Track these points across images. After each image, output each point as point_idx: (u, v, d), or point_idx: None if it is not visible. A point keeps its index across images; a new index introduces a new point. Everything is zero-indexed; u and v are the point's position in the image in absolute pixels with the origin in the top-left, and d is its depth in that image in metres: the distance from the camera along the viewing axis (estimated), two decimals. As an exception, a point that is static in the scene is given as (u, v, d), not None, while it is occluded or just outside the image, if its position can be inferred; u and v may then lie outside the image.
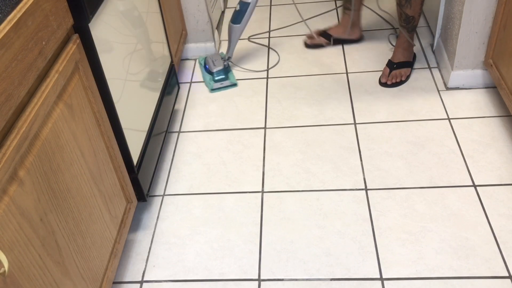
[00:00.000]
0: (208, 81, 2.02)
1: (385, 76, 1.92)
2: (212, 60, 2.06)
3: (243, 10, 1.90)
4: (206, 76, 2.05)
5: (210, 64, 2.04)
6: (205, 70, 2.07)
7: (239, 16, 1.92)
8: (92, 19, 1.10)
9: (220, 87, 1.99)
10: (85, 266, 1.07)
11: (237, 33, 1.96)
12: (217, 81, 2.00)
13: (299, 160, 1.64)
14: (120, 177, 1.30)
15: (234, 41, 2.00)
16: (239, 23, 1.93)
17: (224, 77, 2.01)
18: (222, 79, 2.00)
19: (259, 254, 1.38)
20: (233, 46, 2.01)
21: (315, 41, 2.17)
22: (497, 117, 1.72)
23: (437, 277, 1.27)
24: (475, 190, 1.48)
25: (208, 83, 2.01)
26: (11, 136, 0.83)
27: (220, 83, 2.00)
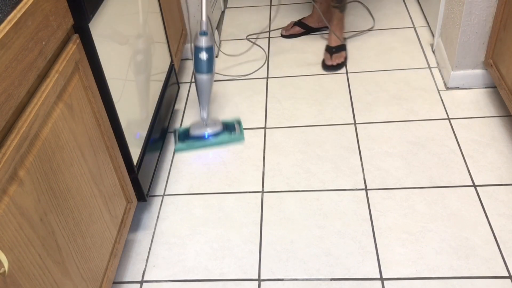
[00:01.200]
0: (230, 137, 1.73)
1: (329, 59, 2.05)
2: (201, 126, 1.74)
3: (210, 55, 1.63)
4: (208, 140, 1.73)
5: (208, 129, 1.73)
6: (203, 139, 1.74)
7: (208, 63, 1.63)
8: (92, 19, 1.10)
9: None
10: (85, 266, 1.07)
11: (211, 82, 1.68)
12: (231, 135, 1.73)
13: (299, 160, 1.64)
14: (120, 177, 1.30)
15: (208, 93, 1.69)
16: (211, 71, 1.65)
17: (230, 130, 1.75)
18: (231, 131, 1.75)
19: (259, 254, 1.38)
20: (208, 99, 1.71)
21: (290, 32, 2.28)
22: (497, 117, 1.72)
23: (437, 277, 1.27)
24: (475, 190, 1.48)
25: (237, 137, 1.73)
26: (11, 136, 0.83)
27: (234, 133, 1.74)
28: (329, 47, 2.08)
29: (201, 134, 1.73)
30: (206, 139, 1.73)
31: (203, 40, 1.61)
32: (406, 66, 2.01)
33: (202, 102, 1.71)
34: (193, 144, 1.73)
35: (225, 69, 2.12)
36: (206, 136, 1.73)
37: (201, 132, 1.73)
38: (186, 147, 1.73)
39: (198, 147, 1.73)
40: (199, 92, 1.69)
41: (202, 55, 1.62)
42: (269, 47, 2.24)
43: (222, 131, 1.74)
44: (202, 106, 1.72)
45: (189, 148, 1.73)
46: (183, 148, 1.73)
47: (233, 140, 1.73)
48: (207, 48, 1.62)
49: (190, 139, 1.73)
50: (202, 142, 1.73)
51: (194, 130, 1.74)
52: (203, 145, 1.73)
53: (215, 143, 1.72)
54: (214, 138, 1.73)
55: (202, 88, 1.68)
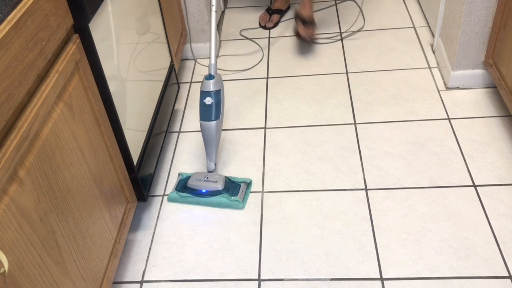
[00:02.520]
0: (226, 202, 1.51)
1: (303, 30, 2.09)
2: (201, 179, 1.55)
3: (217, 100, 1.52)
4: (218, 199, 1.52)
5: (207, 184, 1.53)
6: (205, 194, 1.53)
7: (216, 109, 1.52)
8: (92, 19, 1.10)
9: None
10: (85, 266, 1.07)
11: (220, 129, 1.56)
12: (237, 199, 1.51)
13: (299, 160, 1.64)
14: (120, 177, 1.30)
15: (216, 142, 1.56)
16: (218, 117, 1.52)
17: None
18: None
19: (259, 254, 1.38)
20: (216, 148, 1.58)
21: (273, 21, 2.39)
22: (497, 117, 1.72)
23: (437, 277, 1.27)
24: (475, 190, 1.48)
25: (236, 203, 1.51)
26: (11, 136, 0.83)
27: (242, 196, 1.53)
28: (302, 16, 2.08)
29: (198, 189, 1.53)
30: (201, 195, 1.52)
31: (210, 83, 1.51)
32: (406, 66, 2.01)
33: (209, 152, 1.57)
34: (187, 198, 1.53)
35: (225, 68, 2.12)
36: (203, 192, 1.52)
37: (199, 186, 1.53)
38: (179, 198, 1.54)
39: (191, 202, 1.53)
40: (206, 140, 1.55)
41: (208, 100, 1.51)
42: (269, 47, 2.24)
43: (222, 190, 1.52)
44: (209, 156, 1.57)
45: (182, 201, 1.54)
46: (176, 200, 1.55)
47: (230, 206, 1.51)
48: (215, 92, 1.51)
49: (186, 190, 1.54)
50: (197, 198, 1.53)
51: (193, 181, 1.54)
52: (197, 202, 1.53)
53: (210, 203, 1.52)
54: (210, 198, 1.52)
55: (209, 136, 1.54)
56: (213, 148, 1.56)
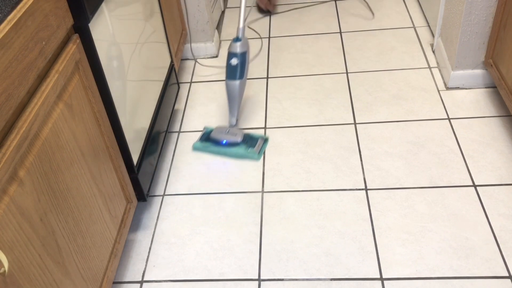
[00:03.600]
0: (243, 153, 1.68)
1: (265, 3, 2.33)
2: (223, 131, 1.73)
3: (242, 61, 1.65)
4: (237, 150, 1.69)
5: (227, 136, 1.71)
6: (227, 144, 1.71)
7: (241, 69, 1.66)
8: (92, 19, 1.10)
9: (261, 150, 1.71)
10: (85, 266, 1.07)
11: (243, 88, 1.71)
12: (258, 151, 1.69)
13: (299, 160, 1.64)
14: (120, 177, 1.30)
15: (239, 100, 1.71)
16: (242, 77, 1.67)
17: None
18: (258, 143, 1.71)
19: (259, 254, 1.38)
20: (238, 106, 1.73)
21: (275, 2, 2.44)
22: (497, 117, 1.72)
23: (437, 277, 1.27)
24: (475, 190, 1.48)
25: (252, 154, 1.67)
26: (11, 136, 0.83)
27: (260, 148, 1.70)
28: None
29: (219, 140, 1.71)
30: (222, 146, 1.70)
31: (237, 46, 1.64)
32: (406, 66, 2.01)
33: (232, 108, 1.72)
34: (209, 147, 1.71)
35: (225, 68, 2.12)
36: (224, 142, 1.70)
37: (220, 137, 1.71)
38: (201, 147, 1.73)
39: (212, 151, 1.71)
40: (230, 98, 1.70)
41: (234, 61, 1.64)
42: (269, 47, 2.24)
43: (240, 143, 1.69)
44: (231, 112, 1.72)
45: (204, 150, 1.72)
46: (200, 149, 1.73)
47: (247, 156, 1.67)
48: (241, 53, 1.64)
49: (209, 141, 1.72)
50: (218, 148, 1.70)
51: (215, 133, 1.73)
52: (217, 152, 1.70)
53: (229, 153, 1.69)
54: (230, 148, 1.69)
55: (233, 94, 1.68)
56: (236, 105, 1.71)
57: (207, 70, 2.13)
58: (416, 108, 1.79)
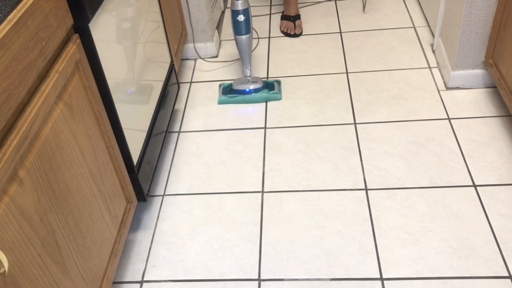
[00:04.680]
0: (268, 95, 1.89)
1: (292, 28, 2.29)
2: (243, 82, 1.92)
3: (247, 17, 1.80)
4: (258, 95, 1.90)
5: (249, 85, 1.90)
6: (250, 92, 1.90)
7: (247, 24, 1.82)
8: (92, 19, 1.10)
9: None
10: (85, 266, 1.07)
11: (251, 41, 1.87)
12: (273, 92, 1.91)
13: (299, 160, 1.64)
14: (120, 177, 1.30)
15: (249, 52, 1.89)
16: (249, 31, 1.83)
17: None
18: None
19: (259, 254, 1.38)
20: (249, 58, 1.91)
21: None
22: (497, 117, 1.72)
23: (437, 277, 1.27)
24: (475, 190, 1.48)
25: (275, 95, 1.90)
26: (11, 136, 0.83)
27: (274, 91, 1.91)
28: (288, 16, 2.32)
29: (243, 89, 1.90)
30: (247, 93, 1.89)
31: (239, 3, 1.77)
32: (406, 66, 2.01)
33: (245, 61, 1.90)
34: (235, 98, 1.90)
35: (224, 68, 2.12)
36: (248, 90, 1.89)
37: (243, 87, 1.90)
38: (227, 100, 1.90)
39: (239, 101, 1.90)
40: (241, 52, 1.88)
41: (240, 17, 1.79)
42: (269, 47, 2.24)
43: (262, 88, 1.90)
44: (245, 64, 1.91)
45: (231, 101, 1.90)
46: (226, 101, 1.90)
47: (271, 98, 1.89)
48: (243, 10, 1.79)
49: (232, 92, 1.91)
50: (243, 96, 1.90)
51: (237, 85, 1.91)
52: (243, 100, 1.90)
53: (255, 98, 1.89)
54: (255, 94, 1.89)
55: (244, 48, 1.86)
56: (247, 57, 1.90)
57: (207, 70, 2.13)
58: (416, 108, 1.79)
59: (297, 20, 2.31)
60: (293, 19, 2.31)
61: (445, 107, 1.78)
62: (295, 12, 2.33)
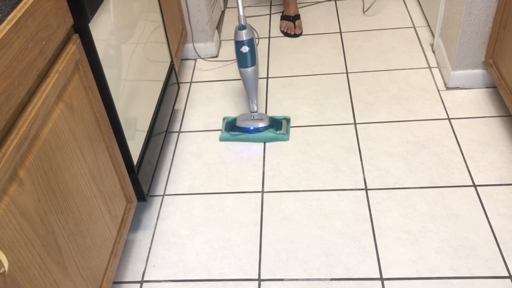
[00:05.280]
0: (274, 136, 1.74)
1: (292, 28, 2.28)
2: (248, 118, 1.78)
3: (251, 47, 1.66)
4: (264, 134, 1.75)
5: (254, 123, 1.76)
6: (253, 131, 1.76)
7: (252, 55, 1.67)
8: (92, 19, 1.10)
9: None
10: (85, 266, 1.07)
11: (257, 73, 1.73)
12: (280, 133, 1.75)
13: (299, 160, 1.64)
14: (120, 177, 1.30)
15: (255, 85, 1.74)
16: (254, 63, 1.68)
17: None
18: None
19: (259, 254, 1.38)
20: (256, 92, 1.76)
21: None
22: (497, 117, 1.72)
23: (437, 277, 1.27)
24: (475, 190, 1.48)
25: (282, 136, 1.74)
26: (11, 136, 0.83)
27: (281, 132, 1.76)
28: (288, 16, 2.32)
29: (247, 127, 1.76)
30: (250, 132, 1.75)
31: (243, 33, 1.64)
32: (406, 66, 2.01)
33: (251, 95, 1.76)
34: (237, 136, 1.76)
35: (225, 67, 2.12)
36: (252, 129, 1.76)
37: (247, 125, 1.77)
38: (230, 137, 1.77)
39: (242, 139, 1.76)
40: (246, 85, 1.74)
41: (244, 48, 1.66)
42: (269, 47, 2.24)
43: (268, 127, 1.76)
44: (251, 98, 1.77)
45: (233, 139, 1.77)
46: (227, 138, 1.77)
47: (277, 138, 1.74)
48: (248, 41, 1.65)
49: (235, 130, 1.77)
50: (247, 135, 1.76)
51: (241, 121, 1.78)
52: (247, 139, 1.76)
53: (260, 138, 1.75)
54: (259, 133, 1.75)
55: (249, 81, 1.72)
56: (254, 91, 1.75)
57: (207, 70, 2.13)
58: (416, 108, 1.79)
59: (297, 20, 2.31)
60: (292, 19, 2.30)
61: (445, 107, 1.78)
62: (294, 12, 2.32)
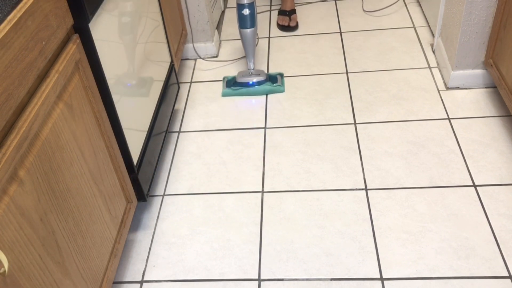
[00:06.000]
0: (271, 87, 1.93)
1: (287, 21, 2.33)
2: (247, 74, 1.96)
3: (252, 10, 1.83)
4: (261, 88, 1.93)
5: (253, 77, 1.94)
6: (253, 85, 1.94)
7: (252, 18, 1.85)
8: (92, 19, 1.10)
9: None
10: (85, 266, 1.07)
11: (255, 35, 1.91)
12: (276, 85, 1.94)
13: (299, 160, 1.64)
14: (120, 177, 1.30)
15: (253, 46, 1.93)
16: (254, 25, 1.87)
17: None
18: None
19: (259, 254, 1.38)
20: (253, 51, 1.95)
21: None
22: (497, 117, 1.72)
23: (437, 277, 1.27)
24: (475, 190, 1.48)
25: (278, 88, 1.93)
26: (11, 136, 0.83)
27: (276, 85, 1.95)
28: (284, 10, 2.38)
29: (246, 82, 1.93)
30: (250, 86, 1.93)
31: None
32: (406, 66, 2.01)
33: (249, 54, 1.94)
34: (239, 90, 1.93)
35: (225, 67, 2.12)
36: (251, 83, 1.93)
37: (246, 79, 1.93)
38: (231, 92, 1.93)
39: (242, 93, 1.93)
40: (245, 45, 1.92)
41: (245, 11, 1.82)
42: (269, 47, 2.24)
43: (266, 80, 1.93)
44: (249, 57, 1.95)
45: (235, 94, 1.94)
46: (229, 93, 1.94)
47: (274, 90, 1.92)
48: (249, 4, 1.81)
49: (236, 85, 1.94)
50: (247, 89, 1.93)
51: (241, 77, 1.94)
52: (247, 92, 1.93)
53: (258, 91, 1.92)
54: (258, 86, 1.92)
55: (248, 41, 1.90)
56: (252, 50, 1.93)
57: (207, 70, 2.13)
58: (416, 108, 1.79)
59: (293, 14, 2.37)
60: (288, 13, 2.36)
61: (445, 107, 1.78)
62: (290, 7, 2.38)
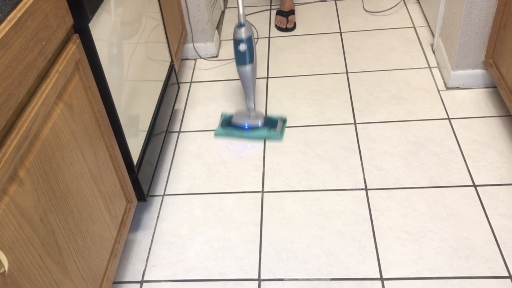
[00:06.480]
0: (267, 134, 1.75)
1: (284, 23, 2.33)
2: (244, 116, 1.78)
3: (250, 46, 1.65)
4: (259, 132, 1.76)
5: (249, 120, 1.77)
6: (248, 128, 1.77)
7: (250, 54, 1.66)
8: (92, 19, 1.10)
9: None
10: (85, 266, 1.07)
11: (255, 72, 1.72)
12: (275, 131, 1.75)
13: (299, 160, 1.64)
14: (120, 177, 1.30)
15: (253, 83, 1.73)
16: (252, 61, 1.68)
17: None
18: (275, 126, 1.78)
19: (259, 254, 1.38)
20: (253, 90, 1.75)
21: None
22: (497, 117, 1.72)
23: (437, 277, 1.27)
24: (475, 190, 1.48)
25: (276, 135, 1.74)
26: (11, 136, 0.83)
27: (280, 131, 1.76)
28: (282, 11, 2.38)
29: (241, 124, 1.77)
30: (245, 130, 1.77)
31: (242, 31, 1.63)
32: (406, 66, 2.01)
33: (248, 93, 1.75)
34: (232, 133, 1.77)
35: (225, 67, 2.12)
36: (246, 127, 1.77)
37: (242, 122, 1.77)
38: (224, 133, 1.78)
39: (236, 136, 1.77)
40: (244, 84, 1.73)
41: (242, 46, 1.65)
42: (269, 47, 2.24)
43: (263, 125, 1.76)
44: (248, 97, 1.76)
45: (227, 135, 1.78)
46: (222, 134, 1.78)
47: (271, 137, 1.75)
48: (247, 38, 1.65)
49: (231, 126, 1.78)
50: (241, 132, 1.77)
51: (237, 119, 1.79)
52: (240, 136, 1.77)
53: (253, 136, 1.76)
54: (253, 131, 1.76)
55: (247, 79, 1.71)
56: (251, 89, 1.74)
57: (207, 70, 2.13)
58: (416, 108, 1.79)
59: (290, 15, 2.36)
60: (286, 14, 2.36)
61: (445, 107, 1.78)
62: (289, 8, 2.38)
